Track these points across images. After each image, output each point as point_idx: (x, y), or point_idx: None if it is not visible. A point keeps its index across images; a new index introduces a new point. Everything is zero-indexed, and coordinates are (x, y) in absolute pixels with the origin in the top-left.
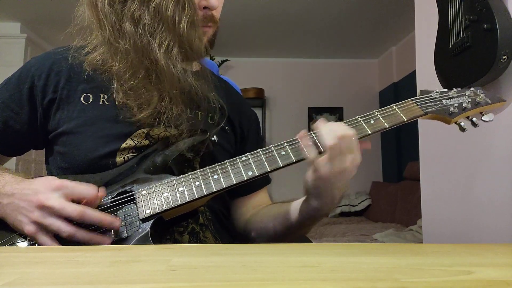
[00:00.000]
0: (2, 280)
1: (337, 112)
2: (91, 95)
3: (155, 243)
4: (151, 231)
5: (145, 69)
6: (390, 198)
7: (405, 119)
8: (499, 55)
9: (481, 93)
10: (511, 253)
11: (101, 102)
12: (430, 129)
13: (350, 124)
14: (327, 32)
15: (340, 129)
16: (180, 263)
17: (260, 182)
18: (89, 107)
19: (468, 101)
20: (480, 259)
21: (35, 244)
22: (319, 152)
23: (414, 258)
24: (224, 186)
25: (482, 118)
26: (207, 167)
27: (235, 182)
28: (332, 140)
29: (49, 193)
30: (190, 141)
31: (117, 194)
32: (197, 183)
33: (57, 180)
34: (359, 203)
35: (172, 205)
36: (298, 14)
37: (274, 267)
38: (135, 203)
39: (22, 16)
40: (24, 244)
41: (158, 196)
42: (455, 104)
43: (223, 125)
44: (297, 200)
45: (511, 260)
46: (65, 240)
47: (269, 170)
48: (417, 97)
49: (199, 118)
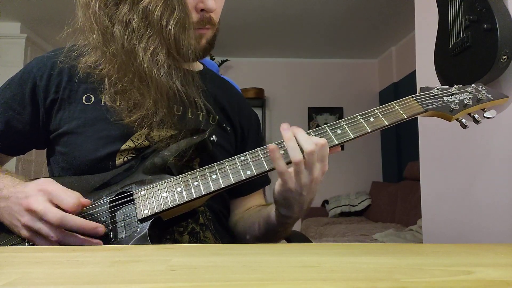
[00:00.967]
0: (3, 280)
1: (337, 112)
2: (92, 96)
3: (153, 243)
4: (150, 231)
5: (132, 72)
6: (390, 198)
7: (405, 117)
8: (499, 55)
9: (483, 89)
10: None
11: (103, 103)
12: (430, 129)
13: (349, 122)
14: (327, 32)
15: (307, 143)
16: (180, 263)
17: (260, 183)
18: (90, 108)
19: (470, 98)
20: (480, 259)
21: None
22: (287, 163)
23: (414, 258)
24: (223, 186)
25: (485, 115)
26: (205, 166)
27: (234, 182)
28: (298, 156)
29: (37, 196)
30: (188, 141)
31: (116, 195)
32: (196, 183)
33: (44, 183)
34: (359, 203)
35: (170, 205)
36: (298, 14)
37: (274, 267)
38: (133, 204)
39: (22, 16)
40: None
41: (156, 197)
42: (456, 101)
43: (224, 125)
44: (272, 204)
45: (511, 260)
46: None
47: (267, 169)
48: (417, 94)
49: (200, 118)
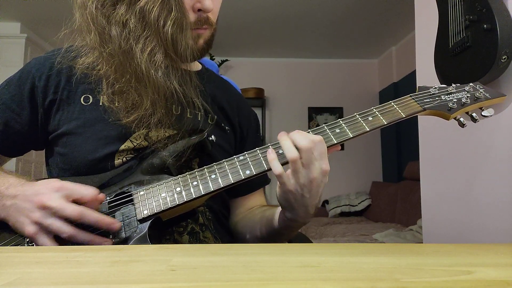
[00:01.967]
0: (2, 280)
1: (337, 112)
2: (91, 96)
3: (153, 243)
4: (149, 231)
5: (129, 73)
6: (390, 198)
7: (404, 116)
8: (499, 55)
9: (481, 88)
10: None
11: (101, 103)
12: (430, 129)
13: (347, 122)
14: (327, 32)
15: (302, 140)
16: (180, 263)
17: (259, 182)
18: (89, 108)
19: (468, 97)
20: (480, 259)
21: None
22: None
23: (414, 258)
24: (222, 186)
25: (482, 114)
26: (204, 167)
27: (233, 182)
28: (294, 153)
29: (50, 193)
30: (187, 142)
31: (115, 195)
32: (195, 183)
33: (59, 182)
34: (359, 203)
35: (169, 205)
36: (298, 14)
37: (274, 267)
38: (133, 204)
39: (22, 16)
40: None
41: (155, 197)
42: (454, 100)
43: (223, 125)
44: (279, 207)
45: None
46: (64, 241)
47: (266, 169)
48: (416, 93)
49: (199, 118)
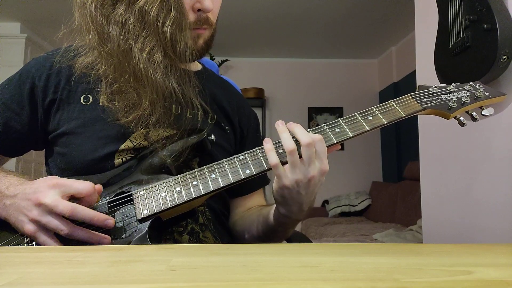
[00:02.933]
0: (2, 280)
1: (337, 112)
2: (90, 96)
3: (153, 243)
4: (149, 231)
5: (128, 73)
6: (390, 198)
7: (404, 115)
8: (499, 55)
9: (481, 87)
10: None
11: (100, 103)
12: (430, 129)
13: (347, 121)
14: (327, 32)
15: (304, 136)
16: (180, 263)
17: (259, 183)
18: (88, 108)
19: (468, 96)
20: (480, 259)
21: (35, 244)
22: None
23: (414, 258)
24: (222, 185)
25: (482, 113)
26: (204, 166)
27: (233, 181)
28: (291, 145)
29: (47, 190)
30: (187, 141)
31: (115, 195)
32: (195, 182)
33: (56, 179)
34: (359, 203)
35: (169, 205)
36: (298, 14)
37: (274, 267)
38: (132, 204)
39: (22, 16)
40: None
41: (155, 197)
42: (454, 99)
43: (223, 125)
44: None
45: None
46: (65, 239)
47: (266, 168)
48: (416, 92)
49: (198, 118)
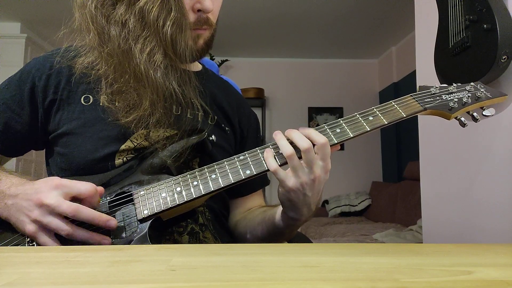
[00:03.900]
0: (2, 280)
1: (337, 112)
2: (91, 96)
3: (153, 243)
4: (149, 231)
5: (128, 73)
6: (390, 198)
7: (404, 115)
8: (499, 55)
9: (482, 87)
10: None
11: (101, 103)
12: (430, 129)
13: (348, 121)
14: (327, 32)
15: (301, 141)
16: (180, 263)
17: (259, 183)
18: (89, 108)
19: (469, 96)
20: (480, 259)
21: (35, 244)
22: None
23: (414, 258)
24: (222, 186)
25: (483, 113)
26: (204, 166)
27: (233, 182)
28: (288, 150)
29: (49, 191)
30: (187, 142)
31: (116, 195)
32: (195, 183)
33: (57, 179)
34: (359, 203)
35: (170, 205)
36: (298, 14)
37: (274, 267)
38: (133, 204)
39: (22, 16)
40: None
41: (156, 197)
42: (454, 99)
43: (223, 125)
44: (280, 206)
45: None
46: (65, 239)
47: (267, 169)
48: (416, 92)
49: (199, 118)
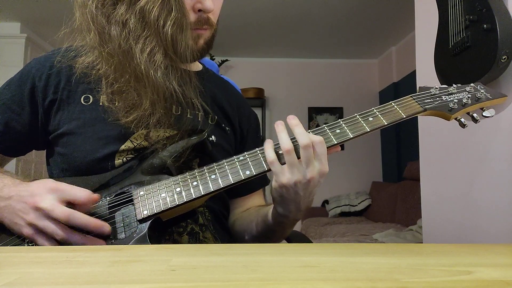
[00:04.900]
0: (2, 280)
1: (337, 112)
2: (91, 96)
3: (153, 243)
4: (149, 232)
5: (129, 73)
6: (390, 198)
7: (404, 116)
8: (499, 55)
9: (482, 88)
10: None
11: (101, 103)
12: (430, 129)
13: (348, 122)
14: (327, 32)
15: (302, 137)
16: (180, 263)
17: (258, 183)
18: (89, 108)
19: (468, 97)
20: (480, 259)
21: (35, 244)
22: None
23: (414, 258)
24: (222, 186)
25: (483, 114)
26: (204, 167)
27: (233, 182)
28: (288, 144)
29: (44, 195)
30: (187, 142)
31: (115, 195)
32: (195, 183)
33: (53, 183)
34: (359, 203)
35: (169, 205)
36: (298, 15)
37: (274, 267)
38: (133, 204)
39: (22, 16)
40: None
41: (155, 197)
42: (454, 100)
43: (223, 125)
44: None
45: (511, 260)
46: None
47: (266, 169)
48: (416, 93)
49: (199, 118)
